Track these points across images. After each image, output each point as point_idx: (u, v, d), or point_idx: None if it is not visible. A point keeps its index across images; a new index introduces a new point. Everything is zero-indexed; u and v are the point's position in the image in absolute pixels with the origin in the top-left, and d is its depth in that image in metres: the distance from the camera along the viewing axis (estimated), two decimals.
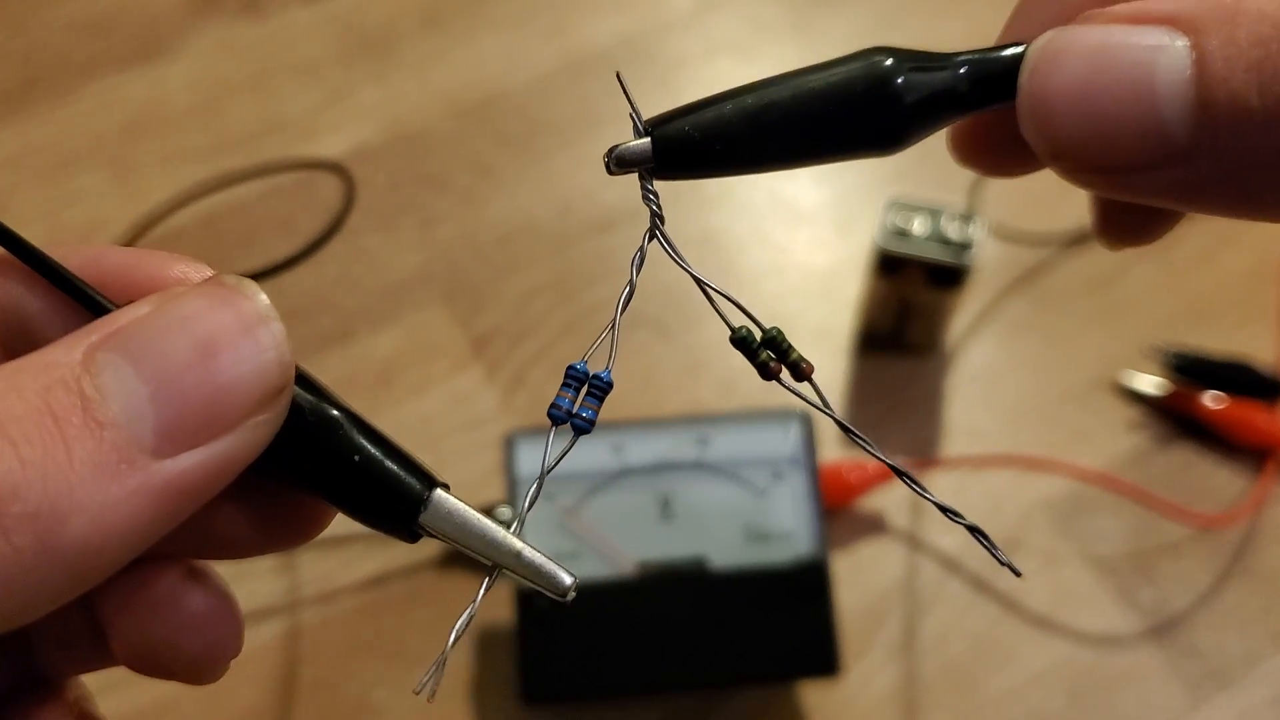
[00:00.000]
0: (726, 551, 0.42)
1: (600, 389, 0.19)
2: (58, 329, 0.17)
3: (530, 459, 0.43)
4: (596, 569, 0.42)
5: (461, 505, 0.18)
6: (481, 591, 0.18)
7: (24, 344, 0.18)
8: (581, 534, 0.42)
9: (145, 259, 0.18)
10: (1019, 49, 0.18)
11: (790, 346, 0.19)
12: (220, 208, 0.56)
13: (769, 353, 0.19)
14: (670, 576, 0.42)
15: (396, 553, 0.47)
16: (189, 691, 0.44)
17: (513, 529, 0.18)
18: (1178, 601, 0.46)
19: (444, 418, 0.50)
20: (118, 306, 0.17)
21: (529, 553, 0.18)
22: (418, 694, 0.17)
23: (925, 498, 0.18)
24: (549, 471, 0.18)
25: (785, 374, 0.19)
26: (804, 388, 0.19)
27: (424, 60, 0.61)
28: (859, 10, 0.63)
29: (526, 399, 0.51)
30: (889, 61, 0.18)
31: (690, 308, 0.53)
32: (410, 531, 0.18)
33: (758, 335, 0.19)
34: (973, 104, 0.18)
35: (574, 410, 0.18)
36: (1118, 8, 0.17)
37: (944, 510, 0.18)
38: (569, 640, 0.41)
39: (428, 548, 0.47)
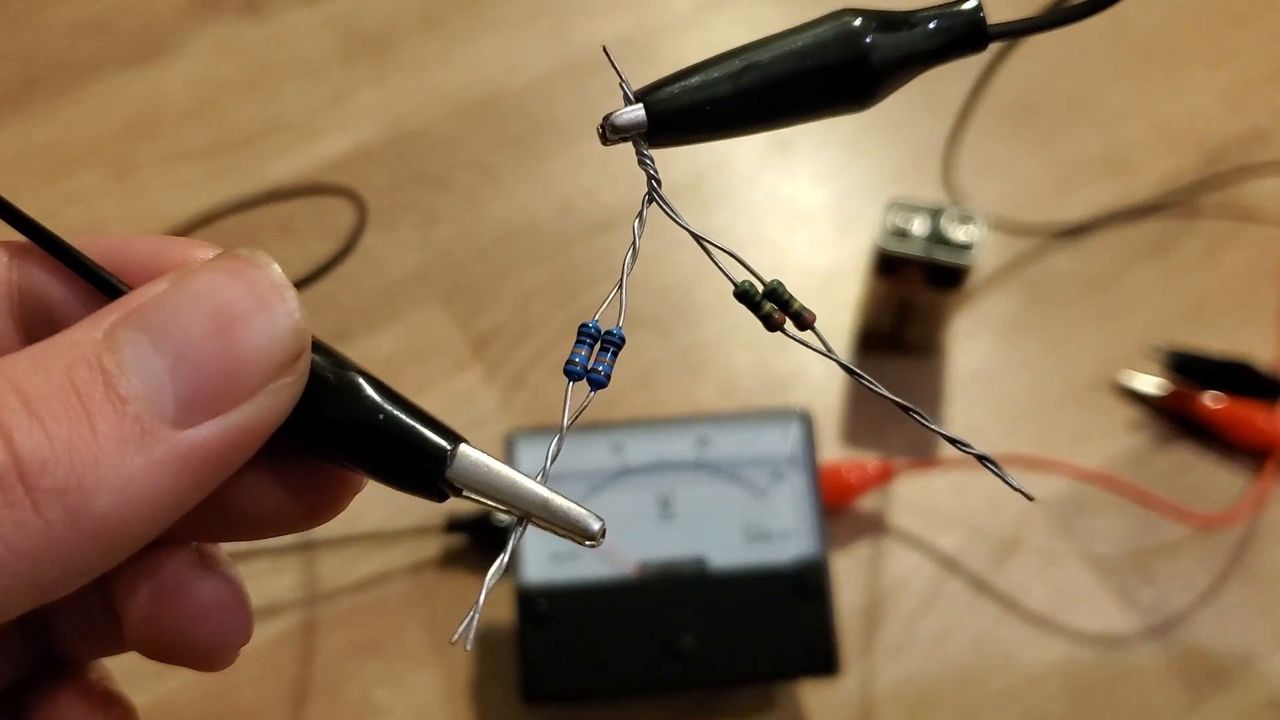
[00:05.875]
0: (726, 551, 0.42)
1: (614, 344, 0.19)
2: (79, 314, 0.18)
3: (530, 459, 0.43)
4: (596, 569, 0.42)
5: (486, 457, 0.18)
6: (512, 542, 0.18)
7: (46, 330, 0.18)
8: None
9: (166, 245, 0.19)
10: (975, 1, 0.19)
11: (791, 297, 0.19)
12: (226, 221, 0.56)
13: (772, 305, 0.19)
14: (670, 576, 0.42)
15: (397, 552, 0.47)
16: (189, 689, 0.44)
17: (537, 479, 0.18)
18: (1177, 601, 0.46)
19: (444, 418, 0.50)
20: (132, 289, 0.17)
21: (556, 500, 0.18)
22: (453, 643, 0.17)
23: (929, 428, 0.19)
24: (569, 426, 0.18)
25: (789, 325, 0.19)
26: (808, 336, 0.19)
27: (424, 60, 0.61)
28: None
29: (526, 399, 0.51)
30: (857, 22, 0.19)
31: (690, 308, 0.53)
32: (438, 489, 0.18)
33: (760, 289, 0.19)
34: (936, 58, 0.19)
35: (590, 366, 0.18)
36: None
37: (951, 440, 0.18)
38: (569, 640, 0.41)
39: (429, 548, 0.47)
